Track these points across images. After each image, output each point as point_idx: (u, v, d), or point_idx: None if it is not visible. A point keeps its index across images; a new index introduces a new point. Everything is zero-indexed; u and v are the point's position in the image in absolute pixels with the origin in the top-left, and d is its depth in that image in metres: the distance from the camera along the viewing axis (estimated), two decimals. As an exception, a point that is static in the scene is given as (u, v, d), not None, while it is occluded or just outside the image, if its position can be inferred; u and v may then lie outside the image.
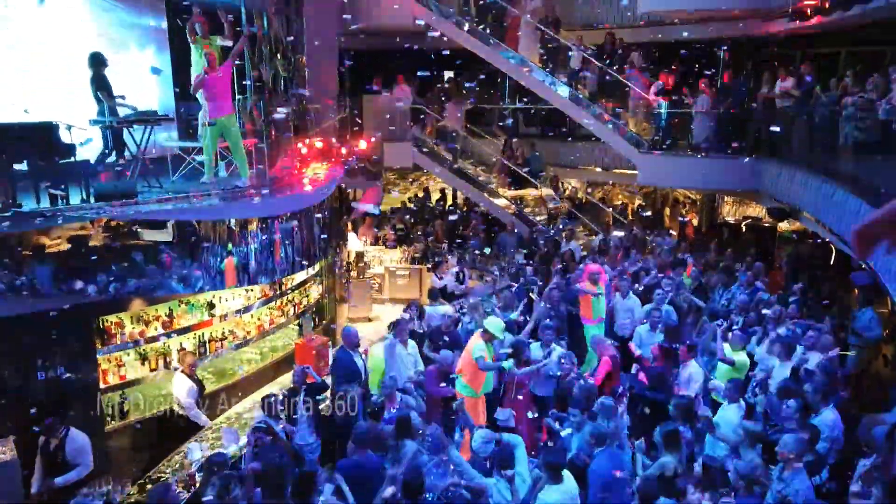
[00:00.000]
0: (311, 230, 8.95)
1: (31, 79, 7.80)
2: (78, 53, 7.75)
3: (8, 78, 7.61)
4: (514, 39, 13.61)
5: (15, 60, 7.84)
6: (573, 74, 13.42)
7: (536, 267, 11.09)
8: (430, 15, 13.69)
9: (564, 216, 13.72)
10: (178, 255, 6.73)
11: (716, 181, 11.51)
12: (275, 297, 8.93)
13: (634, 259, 10.37)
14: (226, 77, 7.78)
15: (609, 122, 12.67)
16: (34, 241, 5.97)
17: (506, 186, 14.37)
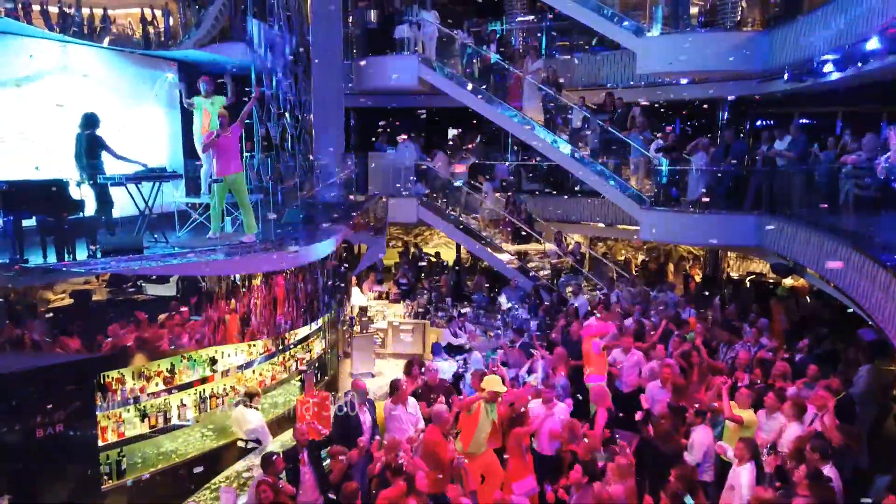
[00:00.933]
0: (315, 285, 8.99)
1: (44, 136, 7.99)
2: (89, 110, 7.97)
3: (21, 135, 7.80)
4: (516, 98, 13.93)
5: (28, 118, 8.06)
6: (574, 132, 13.68)
7: (540, 322, 11.06)
8: (435, 75, 14.05)
9: (568, 271, 13.75)
10: (182, 309, 6.74)
11: (717, 237, 11.58)
12: (277, 353, 8.88)
13: (638, 314, 10.33)
14: (234, 136, 7.95)
15: (610, 178, 12.84)
16: (38, 295, 5.99)
17: (509, 241, 14.45)
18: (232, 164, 7.94)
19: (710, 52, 11.70)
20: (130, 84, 9.61)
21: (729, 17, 12.72)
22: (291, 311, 8.24)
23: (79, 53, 8.63)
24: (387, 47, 14.64)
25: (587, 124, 13.57)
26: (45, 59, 8.45)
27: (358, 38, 15.25)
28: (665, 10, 12.47)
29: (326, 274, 9.44)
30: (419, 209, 14.24)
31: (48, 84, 8.46)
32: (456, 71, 14.31)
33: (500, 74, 14.39)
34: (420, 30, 14.27)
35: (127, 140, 8.00)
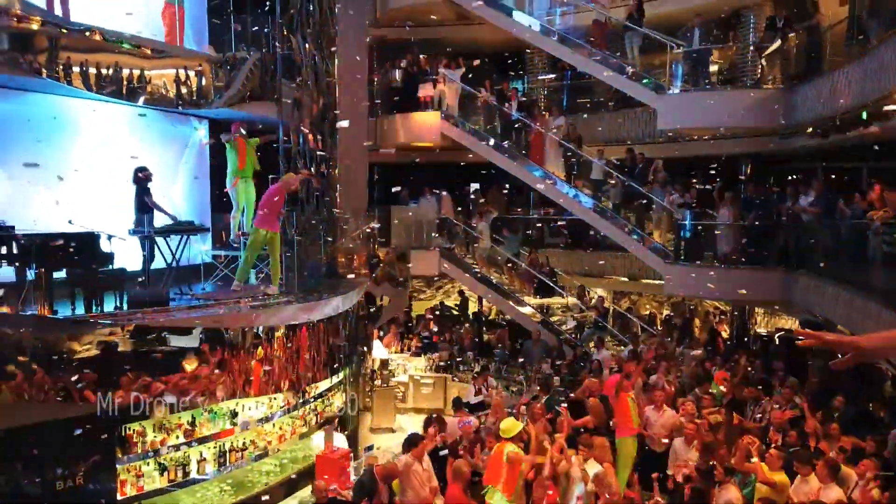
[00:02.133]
0: (337, 337, 9.00)
1: (77, 190, 8.25)
2: (121, 165, 8.24)
3: (56, 190, 8.07)
4: (538, 154, 14.10)
5: (62, 173, 8.34)
6: (596, 187, 13.75)
7: (564, 377, 10.89)
8: (458, 131, 14.32)
9: (591, 325, 13.60)
10: (203, 361, 6.77)
11: (743, 293, 11.41)
12: (297, 406, 8.83)
13: (664, 371, 10.12)
14: (281, 200, 8.13)
15: (633, 232, 12.81)
16: (64, 346, 6.07)
17: (531, 294, 14.39)
18: (275, 223, 8.11)
19: (731, 110, 11.79)
20: (162, 139, 9.94)
21: (749, 76, 12.88)
22: (313, 363, 8.24)
23: (114, 110, 8.98)
24: (411, 104, 15.01)
25: (608, 179, 13.65)
26: (81, 114, 8.81)
27: (383, 95, 15.68)
28: (685, 69, 12.66)
29: (348, 327, 9.46)
30: (441, 262, 14.29)
31: (86, 139, 8.78)
32: (478, 127, 14.57)
33: (522, 130, 14.61)
34: (443, 87, 14.64)
35: (157, 194, 8.24)
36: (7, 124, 8.04)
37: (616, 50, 13.50)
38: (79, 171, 8.52)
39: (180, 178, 10.39)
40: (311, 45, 10.85)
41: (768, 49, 12.23)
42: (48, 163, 8.34)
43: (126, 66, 8.34)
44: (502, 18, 14.31)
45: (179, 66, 9.08)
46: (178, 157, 10.35)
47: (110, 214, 7.90)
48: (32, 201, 7.93)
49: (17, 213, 7.37)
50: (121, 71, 8.29)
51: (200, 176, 10.59)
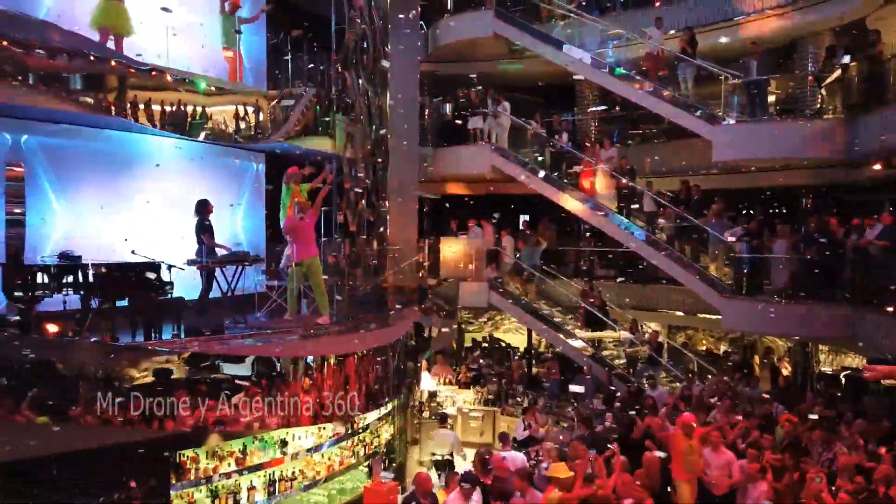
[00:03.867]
0: (386, 368, 9.00)
1: (140, 221, 8.59)
2: (182, 199, 8.56)
3: (121, 222, 8.42)
4: (588, 185, 14.00)
5: (127, 206, 8.71)
6: (649, 219, 13.53)
7: (616, 414, 10.59)
8: (507, 163, 14.37)
9: (644, 361, 13.24)
10: (255, 390, 6.86)
11: (805, 329, 10.95)
12: (346, 437, 8.84)
13: (722, 409, 9.73)
14: (312, 222, 8.32)
15: (688, 266, 12.50)
16: (124, 372, 6.24)
17: (582, 327, 14.14)
18: (310, 249, 8.24)
19: (789, 141, 11.49)
20: (222, 173, 10.29)
21: (808, 106, 12.56)
22: (361, 394, 8.25)
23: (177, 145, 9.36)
24: (461, 137, 15.18)
25: (662, 211, 13.42)
26: (147, 149, 9.22)
27: (433, 128, 15.91)
28: (741, 99, 12.44)
29: (397, 357, 9.47)
30: (490, 293, 14.23)
31: (150, 173, 9.17)
32: (528, 159, 14.59)
33: (573, 162, 14.56)
34: (493, 120, 14.77)
35: (216, 225, 8.52)
36: (78, 159, 8.46)
37: (669, 81, 13.39)
38: (150, 202, 8.90)
39: (243, 210, 10.73)
40: (365, 80, 11.12)
41: (828, 79, 11.92)
42: (116, 196, 8.72)
43: (189, 104, 8.70)
44: (553, 52, 14.40)
45: (238, 103, 9.42)
46: (237, 189, 10.67)
47: (171, 245, 8.17)
48: (100, 232, 8.28)
49: (84, 244, 7.71)
50: (184, 108, 8.65)
51: (248, 206, 10.90)
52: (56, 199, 8.19)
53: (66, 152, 8.33)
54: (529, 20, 15.23)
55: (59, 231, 8.10)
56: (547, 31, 14.91)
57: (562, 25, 15.27)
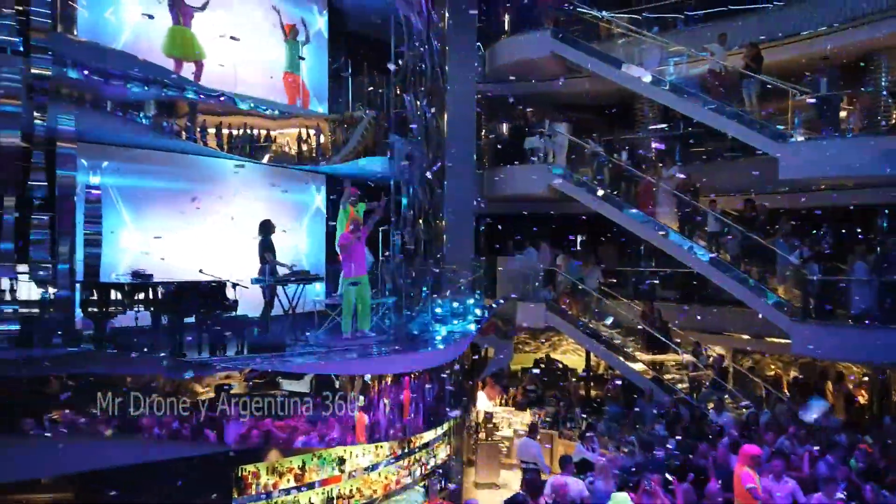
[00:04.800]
0: (442, 388, 8.99)
1: (207, 242, 8.91)
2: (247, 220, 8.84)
3: (189, 244, 8.76)
4: (650, 205, 13.74)
5: (195, 227, 9.05)
6: (712, 238, 13.14)
7: (680, 440, 10.25)
8: (565, 183, 14.26)
9: (709, 386, 12.80)
10: (315, 407, 6.96)
11: (883, 355, 10.37)
12: (403, 456, 8.84)
13: (791, 437, 9.30)
14: (362, 241, 8.53)
15: (754, 287, 12.06)
16: (189, 387, 6.44)
17: (643, 350, 13.80)
18: (361, 267, 8.46)
19: (862, 158, 11.00)
20: (286, 195, 10.57)
21: (882, 121, 12.02)
22: (417, 413, 8.26)
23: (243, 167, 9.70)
24: (518, 157, 15.17)
25: (726, 230, 13.02)
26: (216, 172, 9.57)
27: (490, 148, 15.97)
28: (811, 116, 12.01)
29: (453, 378, 9.45)
30: (547, 314, 14.07)
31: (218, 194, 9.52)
32: (586, 178, 14.44)
33: (633, 181, 14.33)
34: (550, 140, 14.71)
35: (278, 245, 8.77)
36: (150, 182, 8.85)
37: (732, 98, 13.05)
38: (216, 222, 9.24)
39: (303, 230, 10.99)
40: (422, 102, 11.28)
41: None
42: (185, 216, 9.07)
43: (254, 128, 9.01)
44: (612, 71, 14.28)
45: (301, 126, 9.69)
46: (299, 210, 10.95)
47: (236, 263, 8.44)
48: (170, 252, 8.62)
49: (155, 263, 8.04)
50: (249, 131, 8.96)
51: (309, 227, 11.14)
52: (130, 219, 8.58)
53: (140, 176, 8.73)
54: (587, 39, 15.16)
55: (132, 250, 8.47)
56: (605, 50, 14.80)
57: (621, 44, 15.14)
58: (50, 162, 6.59)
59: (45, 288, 6.40)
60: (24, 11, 6.56)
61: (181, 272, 7.86)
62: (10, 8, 6.43)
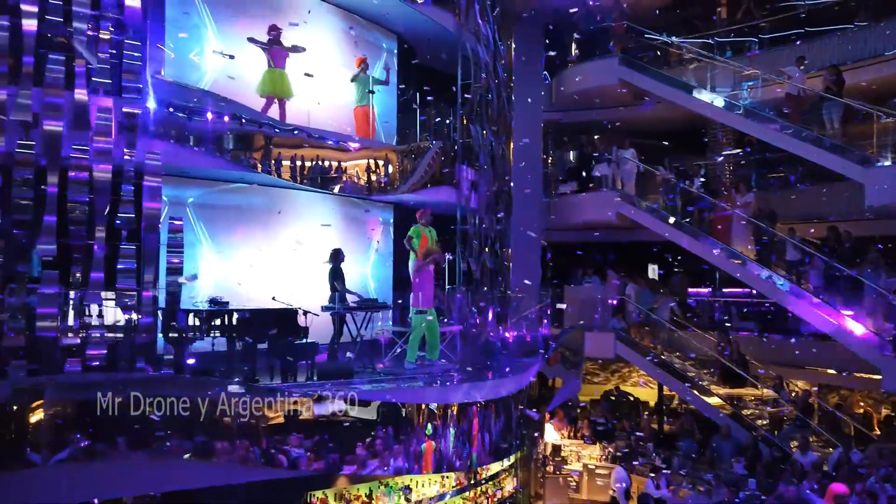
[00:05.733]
0: (509, 419, 8.88)
1: (279, 273, 9.19)
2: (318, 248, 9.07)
3: (263, 270, 9.06)
4: (724, 232, 13.29)
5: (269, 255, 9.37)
6: (793, 267, 12.56)
7: (760, 480, 9.75)
8: (635, 210, 14.00)
9: (791, 423, 12.12)
10: (382, 435, 7.00)
11: None
12: (469, 487, 8.74)
13: (881, 478, 8.67)
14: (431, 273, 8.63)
15: (840, 319, 11.41)
16: (261, 412, 6.59)
17: (719, 384, 13.23)
18: (429, 301, 8.57)
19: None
20: (356, 223, 10.82)
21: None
22: (483, 444, 8.18)
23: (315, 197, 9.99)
24: (585, 184, 15.03)
25: (807, 259, 12.42)
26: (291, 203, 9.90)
27: (557, 176, 15.89)
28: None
29: (520, 408, 9.33)
30: (616, 344, 13.73)
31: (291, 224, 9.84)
32: (657, 205, 14.14)
33: (706, 208, 13.93)
34: (619, 167, 14.50)
35: (349, 272, 8.98)
36: (228, 212, 9.24)
37: (813, 122, 12.55)
38: (289, 251, 9.54)
39: (371, 258, 11.19)
40: (489, 131, 11.38)
41: None
42: (259, 245, 9.41)
43: (326, 159, 9.31)
44: (682, 96, 14.02)
45: (370, 157, 9.94)
46: (367, 240, 11.16)
47: (307, 291, 8.66)
48: (246, 279, 8.94)
49: (232, 290, 8.36)
50: (321, 163, 9.25)
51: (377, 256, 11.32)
52: (209, 248, 8.96)
53: (219, 206, 9.14)
54: (657, 65, 14.97)
55: (210, 278, 8.83)
56: (676, 75, 14.57)
57: (692, 69, 14.87)
58: (137, 194, 6.99)
59: (130, 314, 6.74)
60: (118, 54, 7.05)
61: (256, 300, 8.14)
62: (105, 52, 6.92)
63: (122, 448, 5.81)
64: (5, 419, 5.62)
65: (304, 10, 10.05)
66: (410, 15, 10.69)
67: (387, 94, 11.32)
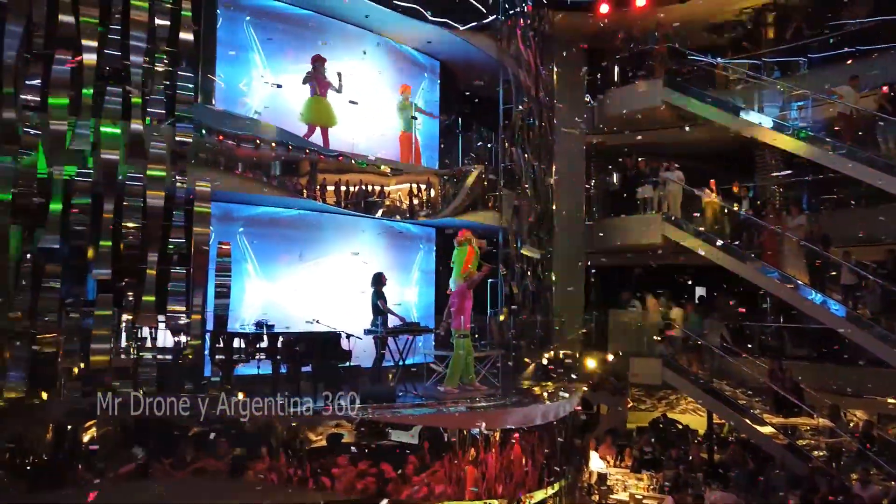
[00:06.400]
0: (553, 446, 8.75)
1: (322, 297, 9.32)
2: (360, 272, 9.16)
3: (307, 293, 9.20)
4: (774, 255, 12.92)
5: (313, 279, 9.51)
6: (848, 291, 12.10)
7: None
8: (680, 233, 13.75)
9: (850, 454, 11.58)
10: (423, 459, 6.97)
11: None
12: (511, 516, 8.59)
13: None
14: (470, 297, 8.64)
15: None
16: (304, 435, 6.66)
17: (772, 412, 12.76)
18: (468, 322, 8.60)
19: None
20: (397, 247, 10.91)
21: None
22: (526, 471, 8.06)
23: (357, 221, 10.13)
24: (629, 207, 14.84)
25: (864, 283, 11.96)
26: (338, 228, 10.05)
27: (600, 198, 15.75)
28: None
29: (564, 434, 9.17)
30: (664, 370, 13.40)
31: (335, 248, 9.98)
32: (703, 228, 13.85)
33: (755, 231, 13.58)
34: (663, 189, 14.30)
35: (391, 296, 9.03)
36: (274, 237, 9.44)
37: (867, 142, 12.16)
38: (333, 274, 9.66)
39: (412, 282, 11.24)
40: (531, 155, 11.38)
41: None
42: (304, 269, 9.56)
43: (368, 184, 9.45)
44: (729, 118, 13.79)
45: (412, 182, 10.04)
46: (409, 263, 11.23)
47: (350, 314, 8.75)
48: (290, 302, 9.09)
49: (278, 313, 8.50)
50: (364, 188, 9.40)
51: (419, 279, 11.36)
52: (255, 272, 9.15)
53: (265, 230, 9.34)
54: (702, 87, 14.76)
55: (256, 301, 9.00)
56: (722, 97, 14.34)
57: (738, 89, 14.62)
58: (188, 220, 7.21)
59: (179, 336, 6.92)
60: (172, 86, 7.34)
61: (300, 322, 8.26)
62: (160, 84, 7.21)
63: (169, 466, 5.94)
64: (61, 437, 5.82)
65: (350, 41, 10.28)
66: (452, 41, 10.83)
67: (429, 119, 11.42)
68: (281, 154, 8.43)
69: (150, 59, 7.11)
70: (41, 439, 5.78)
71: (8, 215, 6.24)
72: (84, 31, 6.68)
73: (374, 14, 9.88)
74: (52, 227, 6.41)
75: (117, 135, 6.82)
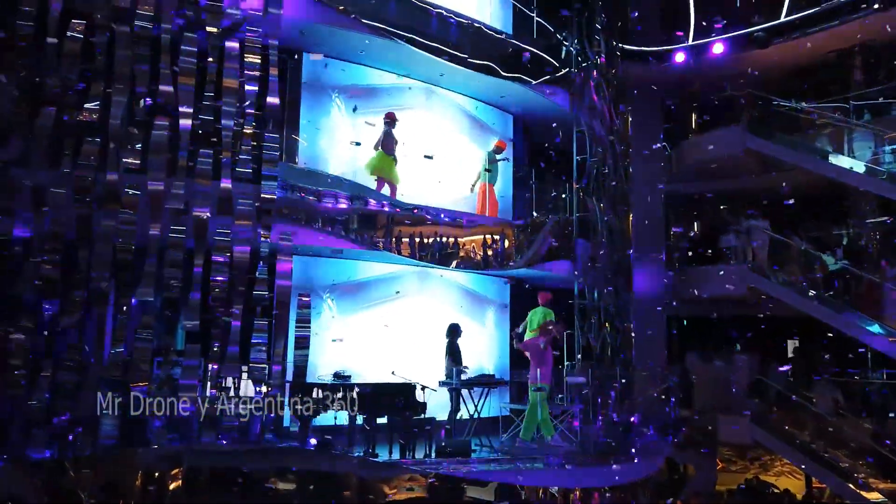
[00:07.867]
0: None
1: (398, 348, 9.39)
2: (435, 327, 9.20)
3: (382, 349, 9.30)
4: (873, 306, 12.09)
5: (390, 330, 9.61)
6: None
7: None
8: (768, 284, 13.11)
9: (974, 528, 10.44)
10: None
11: None
12: (592, 581, 8.20)
13: None
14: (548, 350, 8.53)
15: None
16: (378, 487, 6.63)
17: (879, 478, 11.71)
18: (547, 377, 8.41)
19: None
20: (472, 299, 10.92)
21: None
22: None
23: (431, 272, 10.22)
24: (712, 257, 14.32)
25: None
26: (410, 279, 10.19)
27: (681, 248, 15.27)
28: None
29: (647, 495, 8.74)
30: (754, 429, 12.61)
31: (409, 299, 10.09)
32: (794, 278, 13.16)
33: (851, 280, 12.79)
34: (747, 237, 13.74)
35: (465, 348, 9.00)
36: (352, 288, 9.65)
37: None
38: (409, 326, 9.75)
39: (486, 334, 11.18)
40: (606, 205, 11.24)
41: None
42: (381, 320, 9.69)
43: (443, 236, 9.57)
44: (816, 163, 13.22)
45: (487, 233, 10.09)
46: (484, 314, 11.20)
47: (425, 366, 8.76)
48: (368, 354, 9.21)
49: (355, 365, 8.63)
50: (439, 240, 9.52)
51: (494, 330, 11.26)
52: (334, 323, 9.34)
53: (343, 282, 9.56)
54: (786, 132, 14.27)
55: (334, 352, 9.16)
56: (808, 141, 13.79)
57: (826, 133, 14.04)
58: (270, 273, 7.48)
59: (260, 386, 7.10)
60: (258, 146, 7.75)
61: (376, 374, 8.34)
62: (248, 145, 7.63)
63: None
64: (149, 482, 6.03)
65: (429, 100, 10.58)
66: (526, 95, 10.97)
67: (504, 169, 11.50)
68: (358, 208, 8.68)
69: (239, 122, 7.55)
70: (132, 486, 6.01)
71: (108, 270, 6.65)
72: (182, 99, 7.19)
73: (449, 72, 10.13)
74: (147, 281, 6.79)
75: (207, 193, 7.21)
